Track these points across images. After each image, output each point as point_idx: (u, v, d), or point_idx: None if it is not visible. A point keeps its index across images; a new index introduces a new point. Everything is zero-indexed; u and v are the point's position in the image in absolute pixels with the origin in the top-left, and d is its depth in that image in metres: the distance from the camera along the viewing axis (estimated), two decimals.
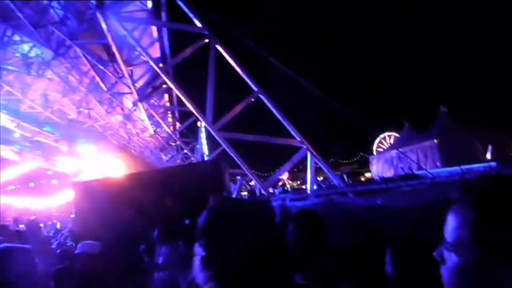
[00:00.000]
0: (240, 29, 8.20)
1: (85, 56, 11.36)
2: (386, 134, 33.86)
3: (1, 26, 11.25)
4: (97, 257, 3.32)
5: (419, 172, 9.23)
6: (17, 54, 12.71)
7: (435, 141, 14.10)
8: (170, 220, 4.11)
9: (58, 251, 5.26)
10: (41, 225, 10.09)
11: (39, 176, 21.09)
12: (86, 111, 17.11)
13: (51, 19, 10.23)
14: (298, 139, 7.90)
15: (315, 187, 8.17)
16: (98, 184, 6.67)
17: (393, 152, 17.20)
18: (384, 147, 31.02)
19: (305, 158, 8.15)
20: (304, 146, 7.92)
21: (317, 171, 9.68)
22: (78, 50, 11.19)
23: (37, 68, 13.60)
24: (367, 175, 29.60)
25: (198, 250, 1.13)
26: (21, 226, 10.79)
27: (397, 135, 27.53)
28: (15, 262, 1.48)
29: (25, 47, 12.28)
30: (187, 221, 4.09)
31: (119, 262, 3.93)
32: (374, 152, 31.86)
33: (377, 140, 34.21)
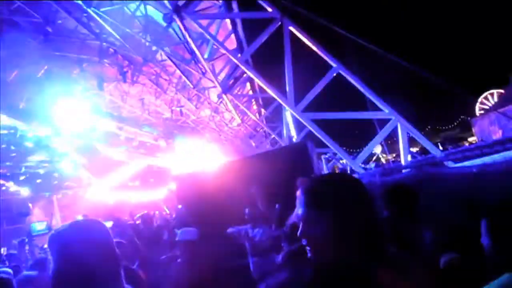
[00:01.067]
0: (310, 6, 8.02)
1: (170, 58, 12.11)
2: (489, 92, 30.39)
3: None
4: (195, 243, 3.57)
5: None
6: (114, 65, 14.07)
7: None
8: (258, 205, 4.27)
9: (167, 239, 5.79)
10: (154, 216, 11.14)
11: (146, 173, 23.18)
12: (178, 109, 18.30)
13: (136, 27, 11.08)
14: (387, 110, 7.55)
15: (409, 158, 7.75)
16: (196, 176, 7.17)
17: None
18: (488, 107, 27.96)
19: (396, 129, 7.77)
20: (394, 117, 7.55)
21: (411, 141, 9.14)
22: (163, 54, 11.98)
23: (131, 76, 14.92)
24: (471, 139, 27.05)
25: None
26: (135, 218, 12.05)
27: (501, 91, 24.55)
28: None
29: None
30: (277, 206, 4.20)
31: (220, 247, 4.21)
32: (477, 114, 28.89)
33: (479, 100, 30.88)
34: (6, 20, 10.06)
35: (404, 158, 6.99)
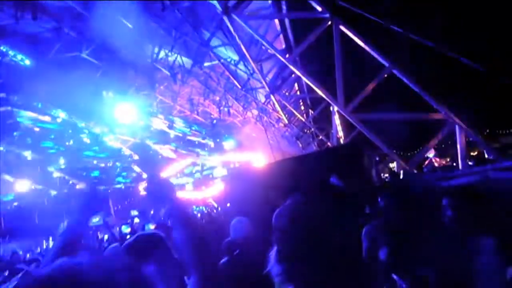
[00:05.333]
0: (360, 3, 7.80)
1: (219, 60, 12.31)
2: None
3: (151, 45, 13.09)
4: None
5: None
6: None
7: None
8: None
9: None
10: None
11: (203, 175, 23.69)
12: (226, 109, 18.58)
13: (187, 30, 11.37)
14: (443, 112, 7.17)
15: (469, 163, 7.32)
16: (244, 174, 7.22)
17: None
18: None
19: (453, 132, 7.37)
20: (451, 120, 7.16)
21: (468, 145, 8.61)
22: (213, 55, 12.20)
23: (181, 77, 15.37)
24: None
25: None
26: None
27: None
28: None
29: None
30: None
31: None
32: None
33: None
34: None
35: (462, 163, 6.60)
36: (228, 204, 6.68)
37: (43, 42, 10.56)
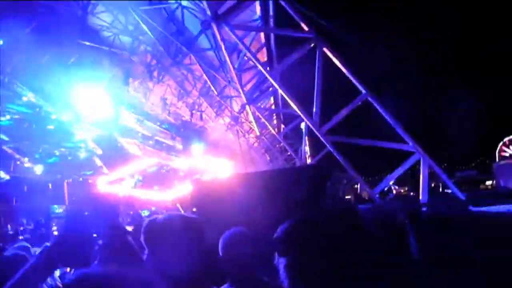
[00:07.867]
0: (348, 31, 8.02)
1: (199, 64, 12.25)
2: (510, 138, 29.60)
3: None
4: None
5: None
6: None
7: None
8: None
9: None
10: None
11: (157, 171, 23.22)
12: (198, 113, 18.42)
13: (170, 29, 11.26)
14: (411, 143, 7.46)
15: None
16: (213, 183, 7.16)
17: None
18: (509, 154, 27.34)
19: (417, 163, 7.68)
20: (417, 152, 7.46)
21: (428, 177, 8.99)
22: (193, 58, 12.12)
23: (157, 74, 15.13)
24: (488, 183, 26.55)
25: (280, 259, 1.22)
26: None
27: None
28: None
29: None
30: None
31: None
32: (497, 158, 28.27)
33: (500, 144, 30.13)
34: (45, 5, 10.37)
35: (423, 194, 6.87)
36: (194, 209, 6.60)
37: (19, 22, 10.14)
